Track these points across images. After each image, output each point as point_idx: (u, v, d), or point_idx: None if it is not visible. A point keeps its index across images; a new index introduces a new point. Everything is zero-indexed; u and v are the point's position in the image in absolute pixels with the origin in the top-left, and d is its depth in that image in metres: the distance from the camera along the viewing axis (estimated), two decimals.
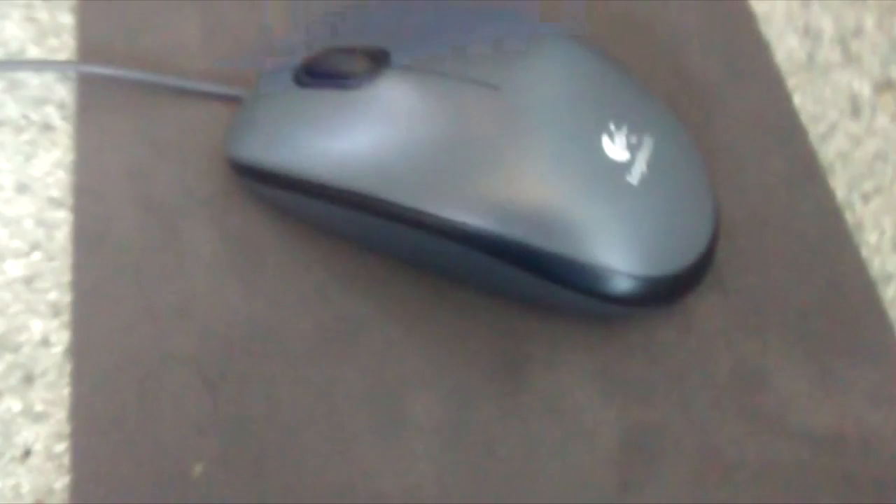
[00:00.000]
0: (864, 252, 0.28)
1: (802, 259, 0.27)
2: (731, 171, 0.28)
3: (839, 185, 0.29)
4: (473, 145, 0.24)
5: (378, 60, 0.25)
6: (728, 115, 0.29)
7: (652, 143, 0.24)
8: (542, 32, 0.25)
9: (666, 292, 0.24)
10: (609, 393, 0.25)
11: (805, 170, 0.29)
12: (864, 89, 0.31)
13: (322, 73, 0.26)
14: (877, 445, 0.25)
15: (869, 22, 0.32)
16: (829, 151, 0.29)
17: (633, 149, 0.24)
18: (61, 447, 0.24)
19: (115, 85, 0.29)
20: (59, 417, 0.24)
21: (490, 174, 0.24)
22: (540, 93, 0.24)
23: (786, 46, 0.31)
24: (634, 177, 0.24)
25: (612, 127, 0.24)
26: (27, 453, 0.24)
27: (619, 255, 0.23)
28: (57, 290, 0.26)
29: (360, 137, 0.25)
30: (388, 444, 0.24)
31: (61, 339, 0.25)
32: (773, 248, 0.27)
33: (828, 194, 0.28)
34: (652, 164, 0.24)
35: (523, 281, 0.24)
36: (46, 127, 0.29)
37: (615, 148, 0.24)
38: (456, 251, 0.24)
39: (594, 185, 0.23)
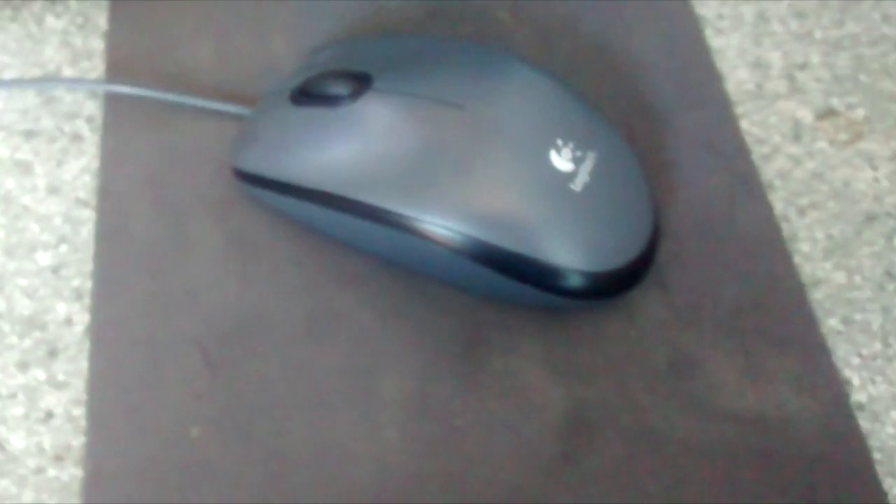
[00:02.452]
0: (797, 259, 0.31)
1: (739, 263, 0.30)
2: (679, 186, 0.32)
3: (777, 200, 0.32)
4: (440, 156, 0.27)
5: (361, 83, 0.29)
6: (679, 137, 0.33)
7: (595, 156, 0.28)
8: (503, 59, 0.29)
9: (608, 286, 0.28)
10: (556, 375, 0.28)
11: (747, 186, 0.32)
12: (807, 116, 0.34)
13: (313, 94, 0.30)
14: (794, 426, 0.28)
15: (815, 57, 0.35)
16: (770, 170, 0.33)
17: (577, 161, 0.27)
18: (79, 411, 0.28)
19: (138, 102, 0.33)
20: (78, 386, 0.28)
21: (453, 181, 0.27)
22: (498, 111, 0.28)
23: (736, 77, 0.35)
24: (578, 185, 0.27)
25: (559, 142, 0.27)
26: (49, 415, 0.28)
27: (562, 252, 0.27)
28: (80, 277, 0.30)
29: (344, 149, 0.29)
30: (361, 415, 0.27)
31: (82, 319, 0.29)
32: (712, 253, 0.30)
33: (766, 207, 0.32)
34: (594, 175, 0.27)
35: (482, 275, 0.28)
36: (76, 137, 0.33)
37: (561, 160, 0.27)
38: (424, 248, 0.28)
39: (541, 192, 0.27)
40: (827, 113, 0.34)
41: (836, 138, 0.33)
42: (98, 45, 0.35)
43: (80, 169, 0.32)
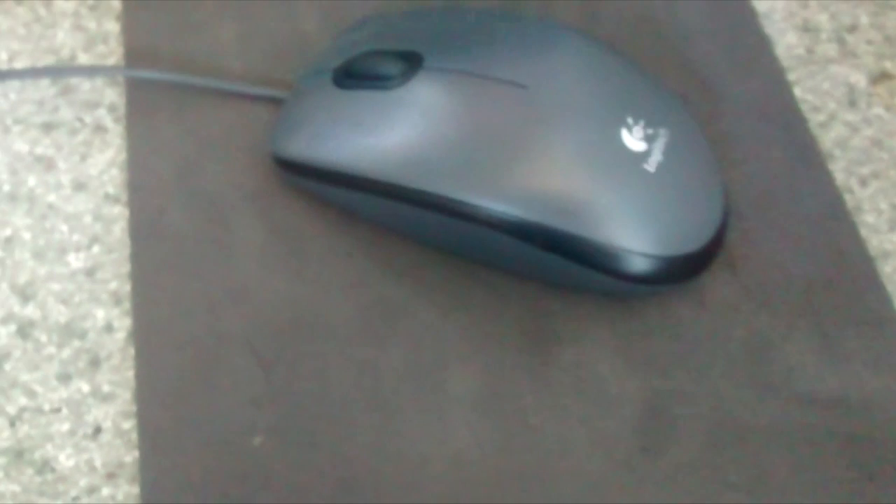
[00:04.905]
0: (863, 231, 0.30)
1: (806, 238, 0.29)
2: (738, 159, 0.30)
3: (838, 170, 0.31)
4: (502, 139, 0.26)
5: (412, 63, 0.27)
6: (733, 107, 0.31)
7: (666, 133, 0.26)
8: (563, 33, 0.27)
9: (681, 271, 0.26)
10: (630, 365, 0.27)
11: (806, 156, 0.31)
12: (860, 81, 0.33)
13: (359, 75, 0.28)
14: (877, 408, 0.27)
15: (864, 18, 0.34)
16: (828, 139, 0.31)
17: (649, 139, 0.26)
18: (129, 424, 0.26)
19: (161, 87, 0.31)
20: (125, 397, 0.26)
21: (518, 165, 0.26)
22: (563, 90, 0.26)
23: (786, 42, 0.33)
24: (651, 165, 0.26)
25: (629, 120, 0.26)
26: (98, 430, 0.26)
27: (637, 237, 0.26)
28: (117, 279, 0.28)
29: (397, 134, 0.27)
30: (429, 415, 0.26)
31: (123, 325, 0.27)
32: (778, 229, 0.29)
33: (828, 178, 0.30)
34: (667, 154, 0.26)
35: (549, 263, 0.26)
36: (99, 128, 0.31)
37: (633, 139, 0.26)
38: (487, 236, 0.26)
39: (614, 174, 0.25)
40: (881, 76, 0.33)
41: (893, 103, 0.32)
42: (113, 27, 0.33)
43: (107, 162, 0.30)
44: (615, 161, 0.26)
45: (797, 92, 0.32)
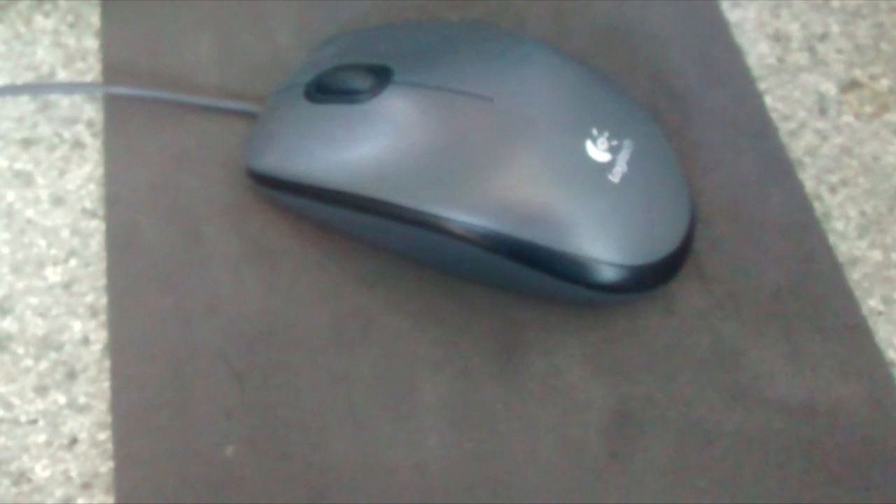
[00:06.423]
0: (832, 238, 0.30)
1: (775, 246, 0.29)
2: (709, 168, 0.31)
3: (808, 178, 0.31)
4: (470, 151, 0.26)
5: (381, 77, 0.28)
6: (704, 117, 0.32)
7: (631, 144, 0.27)
8: (529, 45, 0.28)
9: (648, 280, 0.27)
10: (599, 373, 0.27)
11: (776, 165, 0.31)
12: (831, 90, 0.33)
13: (330, 89, 0.28)
14: (844, 414, 0.27)
15: (834, 27, 0.34)
16: (798, 147, 0.32)
17: (613, 150, 0.26)
18: (104, 435, 0.27)
19: (139, 103, 0.31)
20: (101, 409, 0.27)
21: (485, 177, 0.26)
22: (529, 102, 0.27)
23: (757, 51, 0.34)
24: (616, 176, 0.26)
25: (594, 131, 0.26)
26: (74, 441, 0.26)
27: (604, 247, 0.26)
28: (93, 293, 0.29)
29: (367, 147, 0.27)
30: (400, 424, 0.26)
31: (100, 337, 0.28)
32: (747, 237, 0.30)
33: (797, 186, 0.31)
34: (631, 164, 0.26)
35: (518, 273, 0.27)
36: (77, 144, 0.31)
37: (597, 150, 0.26)
38: (456, 248, 0.27)
39: (579, 185, 0.26)
40: (851, 85, 0.33)
41: (862, 111, 0.33)
42: (92, 44, 0.33)
43: (84, 177, 0.30)
44: (580, 172, 0.26)
45: (768, 100, 0.33)
